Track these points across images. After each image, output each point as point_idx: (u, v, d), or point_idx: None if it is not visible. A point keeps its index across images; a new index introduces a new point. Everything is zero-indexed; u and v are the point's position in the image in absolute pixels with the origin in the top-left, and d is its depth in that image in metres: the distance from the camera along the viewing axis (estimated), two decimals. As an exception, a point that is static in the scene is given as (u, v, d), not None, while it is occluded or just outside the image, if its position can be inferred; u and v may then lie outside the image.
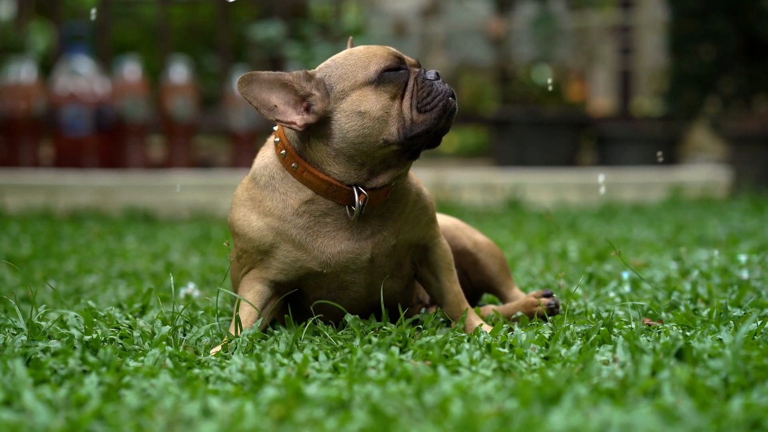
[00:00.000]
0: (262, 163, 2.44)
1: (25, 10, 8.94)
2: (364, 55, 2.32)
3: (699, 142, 10.34)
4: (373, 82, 2.28)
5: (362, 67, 2.30)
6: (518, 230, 5.50)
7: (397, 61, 2.32)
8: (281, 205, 2.35)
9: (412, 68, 2.35)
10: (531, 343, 2.19)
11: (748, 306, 2.63)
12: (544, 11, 9.11)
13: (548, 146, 8.50)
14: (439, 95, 2.31)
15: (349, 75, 2.29)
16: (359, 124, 2.28)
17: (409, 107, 2.29)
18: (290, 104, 2.30)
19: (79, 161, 7.57)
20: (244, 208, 2.42)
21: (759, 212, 6.11)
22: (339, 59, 2.34)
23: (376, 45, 2.38)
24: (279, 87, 2.30)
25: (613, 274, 3.45)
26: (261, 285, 2.41)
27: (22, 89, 7.54)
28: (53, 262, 4.16)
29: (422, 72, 2.34)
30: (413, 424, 1.63)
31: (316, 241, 2.34)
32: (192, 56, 8.86)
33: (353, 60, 2.31)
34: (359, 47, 2.37)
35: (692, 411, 1.63)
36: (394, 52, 2.35)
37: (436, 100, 2.30)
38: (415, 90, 2.31)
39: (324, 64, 2.36)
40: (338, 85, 2.30)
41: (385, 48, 2.35)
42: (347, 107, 2.28)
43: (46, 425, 1.63)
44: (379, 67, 2.29)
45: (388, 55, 2.32)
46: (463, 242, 2.73)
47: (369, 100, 2.28)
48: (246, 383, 1.92)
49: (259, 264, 2.40)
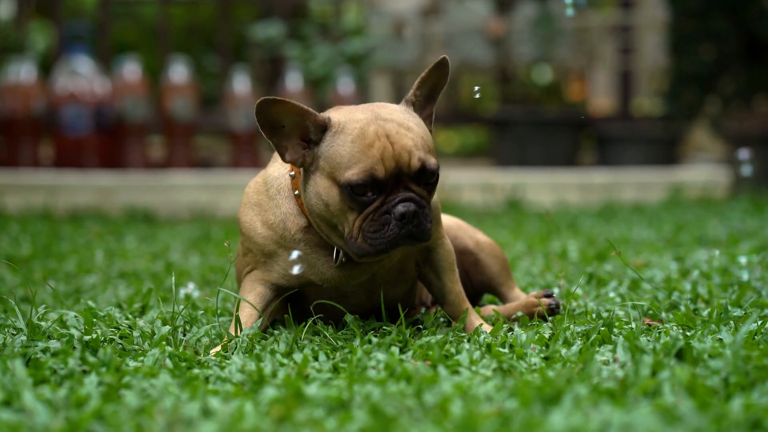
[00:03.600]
0: (277, 172, 2.42)
1: (25, 10, 8.93)
2: (357, 152, 2.21)
3: (699, 142, 10.34)
4: (339, 186, 2.22)
5: (344, 166, 2.21)
6: (518, 230, 5.50)
7: (370, 180, 2.19)
8: (281, 227, 2.37)
9: (394, 190, 2.22)
10: (531, 343, 2.19)
11: (749, 306, 2.63)
12: (544, 11, 9.10)
13: (548, 146, 8.50)
14: (388, 238, 2.22)
15: (332, 162, 2.23)
16: (320, 206, 2.26)
17: (359, 228, 2.24)
18: (298, 133, 2.26)
19: (79, 161, 7.57)
20: (252, 212, 2.43)
21: (759, 212, 6.10)
22: (344, 136, 2.23)
23: (389, 142, 2.21)
24: (297, 116, 2.25)
25: (614, 274, 3.45)
26: (263, 287, 2.41)
27: (22, 89, 7.54)
28: (53, 262, 4.16)
29: (393, 201, 2.22)
30: (413, 424, 1.63)
31: (316, 261, 2.36)
32: (192, 56, 8.86)
33: (346, 150, 2.22)
34: (369, 131, 2.22)
35: (692, 411, 1.63)
36: (382, 167, 2.20)
37: (379, 239, 2.23)
38: (370, 217, 2.23)
39: (338, 122, 2.25)
40: (323, 161, 2.24)
41: (382, 157, 2.20)
42: (318, 186, 2.25)
43: (46, 425, 1.63)
44: (349, 180, 2.19)
45: (369, 168, 2.19)
46: (465, 242, 2.73)
47: (333, 197, 2.23)
48: (246, 383, 1.92)
49: (262, 266, 2.41)
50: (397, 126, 2.24)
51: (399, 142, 2.22)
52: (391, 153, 2.21)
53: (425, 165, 2.24)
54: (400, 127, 2.24)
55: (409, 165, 2.22)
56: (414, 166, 2.22)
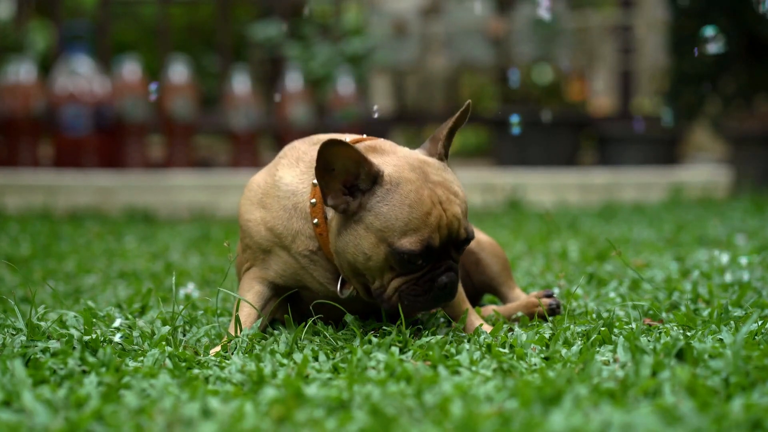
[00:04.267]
0: (292, 184, 2.37)
1: (25, 10, 8.93)
2: (415, 219, 2.17)
3: (699, 142, 10.34)
4: (391, 249, 2.19)
5: (399, 231, 2.17)
6: (518, 230, 5.49)
7: (426, 250, 2.18)
8: (288, 240, 2.35)
9: (441, 258, 2.23)
10: (531, 344, 2.18)
11: (749, 306, 2.63)
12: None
13: (548, 146, 8.50)
14: (425, 303, 2.24)
15: (385, 222, 2.18)
16: (357, 258, 2.23)
17: (396, 288, 2.23)
18: (344, 177, 2.21)
19: (79, 161, 7.57)
20: (255, 210, 2.41)
21: (759, 212, 6.10)
22: (399, 197, 2.19)
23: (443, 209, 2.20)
24: (352, 162, 2.19)
25: (614, 274, 3.45)
26: (261, 285, 2.41)
27: (22, 89, 7.54)
28: (53, 262, 4.15)
29: (439, 270, 2.23)
30: (413, 424, 1.62)
31: (318, 276, 2.36)
32: (192, 56, 8.86)
33: (404, 214, 2.18)
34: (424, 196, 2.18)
35: (693, 411, 1.63)
36: (438, 237, 2.19)
37: (418, 303, 2.25)
38: (413, 281, 2.23)
39: (391, 177, 2.20)
40: (372, 216, 2.20)
41: (439, 226, 2.19)
42: (361, 239, 2.21)
43: (46, 425, 1.63)
44: (408, 248, 2.17)
45: (427, 239, 2.18)
46: None
47: (378, 254, 2.21)
48: (246, 383, 1.92)
49: (260, 263, 2.40)
50: (446, 192, 2.23)
51: (450, 210, 2.22)
52: (445, 222, 2.21)
53: (468, 234, 2.26)
54: (449, 193, 2.23)
55: (458, 234, 2.23)
56: (461, 235, 2.24)
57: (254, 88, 8.23)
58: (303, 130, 7.81)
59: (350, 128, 7.85)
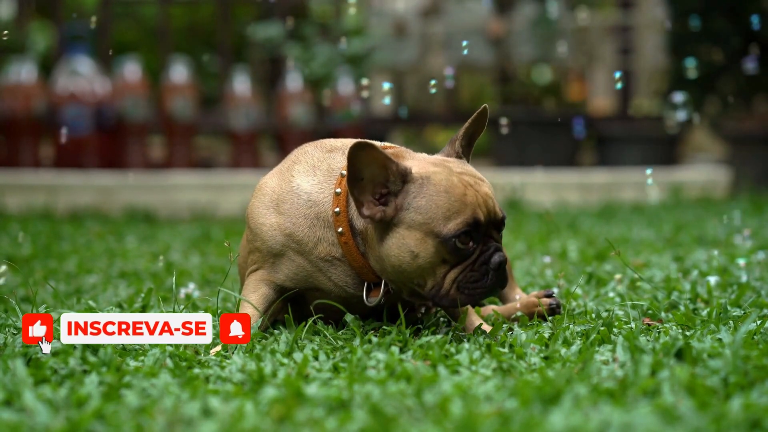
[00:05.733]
0: (314, 194, 2.36)
1: (25, 10, 8.93)
2: (454, 202, 2.20)
3: (699, 142, 10.34)
4: (439, 238, 2.20)
5: (443, 217, 2.19)
6: (518, 230, 5.50)
7: (474, 228, 2.21)
8: (309, 246, 2.35)
9: (485, 239, 2.25)
10: (531, 343, 2.19)
11: (748, 306, 2.63)
12: (544, 11, 9.10)
13: (548, 146, 8.50)
14: (485, 288, 2.25)
15: (427, 213, 2.20)
16: (404, 260, 2.23)
17: (453, 280, 2.23)
18: (373, 186, 2.22)
19: (79, 161, 7.57)
20: (270, 213, 2.39)
21: (759, 212, 6.10)
22: (434, 187, 2.21)
23: (475, 190, 2.23)
24: (378, 166, 2.21)
25: (613, 273, 3.46)
26: (267, 288, 2.41)
27: (22, 89, 7.54)
28: (53, 262, 4.16)
29: (489, 251, 2.25)
30: (413, 424, 1.63)
31: (335, 277, 2.36)
32: (192, 56, 8.86)
33: (442, 201, 2.20)
34: (455, 182, 2.22)
35: (692, 411, 1.63)
36: (481, 213, 2.22)
37: (478, 290, 2.25)
38: (468, 268, 2.23)
39: (419, 173, 2.23)
40: (412, 212, 2.21)
41: (477, 203, 2.22)
42: (405, 239, 2.22)
43: (47, 425, 1.63)
44: (456, 230, 2.19)
45: (472, 216, 2.20)
46: None
47: (426, 249, 2.21)
48: (246, 383, 1.92)
49: (269, 266, 2.40)
50: (472, 177, 2.27)
51: (481, 191, 2.25)
52: (482, 200, 2.23)
53: (503, 213, 2.30)
54: (475, 178, 2.27)
55: (495, 212, 2.26)
56: (499, 213, 2.27)
57: (254, 88, 8.23)
58: (303, 130, 7.81)
59: (350, 128, 7.86)
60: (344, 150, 2.41)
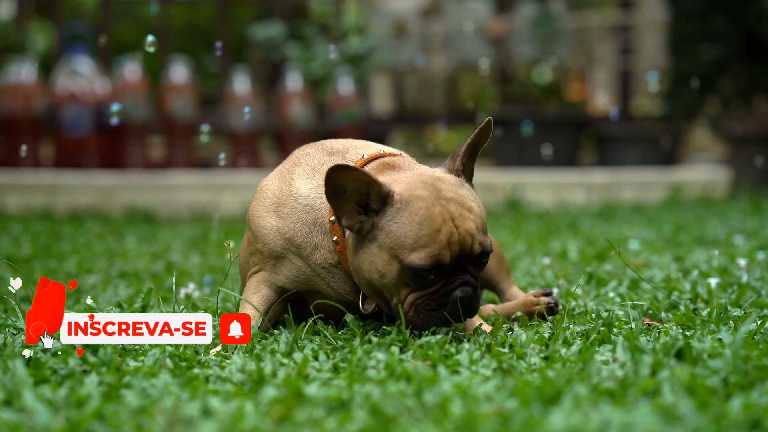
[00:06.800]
0: (312, 199, 2.34)
1: (25, 10, 8.93)
2: (423, 234, 2.17)
3: (699, 142, 10.34)
4: (401, 265, 2.19)
5: (410, 247, 2.17)
6: (518, 230, 5.50)
7: (436, 266, 2.18)
8: (307, 251, 2.35)
9: (455, 272, 2.21)
10: (531, 343, 2.19)
11: (748, 306, 2.63)
12: (544, 11, 9.11)
13: (548, 146, 8.50)
14: (439, 319, 2.22)
15: (396, 239, 2.18)
16: (373, 276, 2.23)
17: (411, 303, 2.23)
18: (358, 196, 2.21)
19: (79, 161, 7.57)
20: (270, 216, 2.39)
21: (758, 212, 6.10)
22: (409, 215, 2.18)
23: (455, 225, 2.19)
24: (362, 183, 2.19)
25: (613, 273, 3.46)
26: (268, 289, 2.41)
27: (22, 89, 7.54)
28: (53, 262, 4.16)
29: (453, 285, 2.22)
30: (413, 424, 1.63)
31: (333, 284, 2.37)
32: (192, 56, 8.86)
33: (413, 231, 2.18)
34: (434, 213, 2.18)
35: (692, 411, 1.63)
36: (448, 253, 2.18)
37: (433, 319, 2.23)
38: (427, 296, 2.22)
39: (401, 196, 2.20)
40: (384, 234, 2.20)
41: (449, 242, 2.18)
42: (375, 256, 2.22)
43: (46, 425, 1.63)
44: (417, 263, 2.17)
45: (437, 254, 2.17)
46: None
47: (391, 271, 2.20)
48: (246, 383, 1.92)
49: (270, 268, 2.40)
50: (459, 207, 2.22)
51: (463, 227, 2.20)
52: (456, 238, 2.19)
53: (484, 248, 2.24)
54: (463, 209, 2.22)
55: (471, 249, 2.22)
56: (476, 250, 2.22)
57: (254, 88, 8.23)
58: (303, 130, 7.81)
59: (350, 128, 7.86)
60: (345, 153, 2.40)
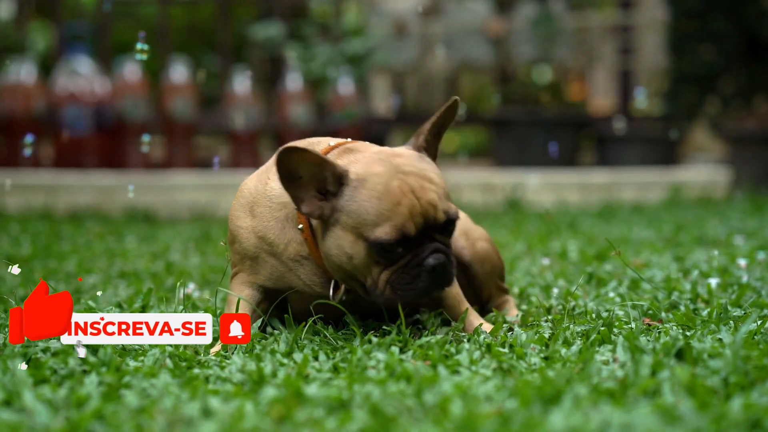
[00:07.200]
0: (285, 196, 2.33)
1: (25, 10, 8.93)
2: (384, 209, 2.17)
3: (699, 142, 10.34)
4: (367, 242, 2.18)
5: (372, 223, 2.17)
6: (518, 230, 5.50)
7: (401, 238, 2.17)
8: (281, 247, 2.35)
9: (417, 247, 2.20)
10: (531, 343, 2.19)
11: (748, 306, 2.63)
12: (544, 11, 9.10)
13: (548, 146, 8.50)
14: (417, 290, 2.21)
15: (357, 218, 2.18)
16: (342, 259, 2.23)
17: (385, 281, 2.22)
18: (317, 182, 2.21)
19: (79, 161, 7.57)
20: (245, 216, 2.40)
21: (758, 212, 6.10)
22: (367, 192, 2.18)
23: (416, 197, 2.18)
24: (315, 165, 2.19)
25: (613, 273, 3.45)
26: (250, 290, 2.41)
27: (22, 89, 7.54)
28: (53, 262, 4.16)
29: (424, 254, 2.21)
30: (413, 424, 1.63)
31: (308, 280, 2.37)
32: (192, 56, 8.86)
33: (373, 207, 2.17)
34: (393, 187, 2.17)
35: (692, 411, 1.63)
36: (412, 224, 2.17)
37: (410, 292, 2.22)
38: (400, 270, 2.21)
39: (357, 175, 2.20)
40: (345, 215, 2.19)
41: (411, 214, 2.17)
42: (341, 239, 2.21)
43: (46, 425, 1.63)
44: (381, 238, 2.16)
45: (400, 226, 2.16)
46: (457, 245, 2.70)
47: (359, 251, 2.20)
48: (246, 383, 1.92)
49: (248, 268, 2.41)
50: (419, 179, 2.21)
51: (425, 198, 2.19)
52: (418, 209, 2.19)
53: (449, 216, 2.23)
54: (423, 180, 2.21)
55: (435, 219, 2.21)
56: (440, 219, 2.22)
57: (254, 88, 8.23)
58: (303, 130, 7.81)
59: (350, 128, 7.85)
60: (318, 146, 2.39)
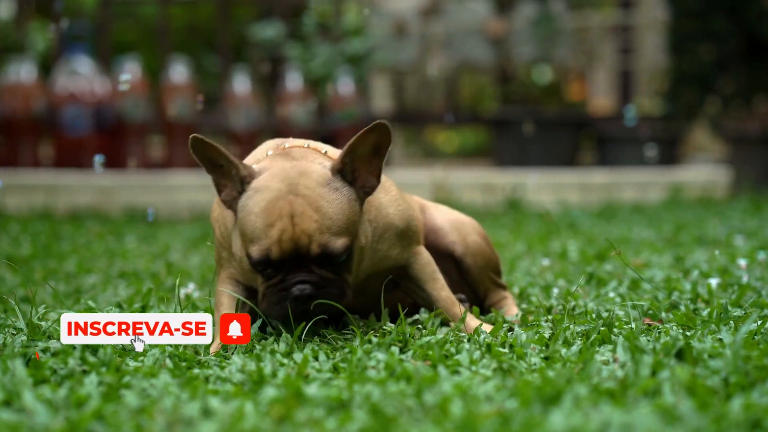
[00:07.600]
0: None
1: (25, 10, 8.93)
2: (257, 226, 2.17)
3: (699, 142, 10.34)
4: (246, 252, 2.22)
5: (248, 238, 2.19)
6: (518, 230, 5.50)
7: (265, 260, 2.17)
8: None
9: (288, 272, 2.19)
10: (531, 343, 2.19)
11: (749, 306, 2.63)
12: (544, 11, 9.11)
13: (548, 146, 8.50)
14: (284, 312, 2.21)
15: (242, 225, 2.21)
16: (242, 260, 2.27)
17: (263, 292, 2.24)
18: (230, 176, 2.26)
19: (79, 161, 7.57)
20: (217, 207, 2.43)
21: (759, 212, 6.10)
22: (252, 205, 2.19)
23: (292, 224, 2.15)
24: (226, 161, 2.22)
25: (614, 273, 3.45)
26: (232, 285, 2.42)
27: (22, 89, 7.53)
28: (53, 262, 4.16)
29: (289, 282, 2.19)
30: (413, 424, 1.63)
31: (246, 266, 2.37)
32: (192, 56, 8.86)
33: (251, 222, 2.18)
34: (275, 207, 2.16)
35: (692, 411, 1.63)
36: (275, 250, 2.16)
37: (278, 311, 2.22)
38: (272, 287, 2.21)
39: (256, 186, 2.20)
40: (238, 218, 2.24)
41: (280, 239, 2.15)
42: (237, 239, 2.27)
43: (46, 425, 1.63)
44: (252, 255, 2.18)
45: (266, 248, 2.16)
46: (447, 240, 2.69)
47: (244, 257, 2.24)
48: (246, 383, 1.92)
49: (225, 262, 2.42)
50: (305, 206, 2.16)
51: (300, 225, 2.15)
52: (290, 235, 2.15)
53: (326, 250, 2.17)
54: (309, 207, 2.16)
55: (308, 249, 2.16)
56: (313, 251, 2.17)
57: (254, 88, 8.23)
58: (303, 130, 7.81)
59: (350, 128, 7.85)
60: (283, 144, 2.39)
